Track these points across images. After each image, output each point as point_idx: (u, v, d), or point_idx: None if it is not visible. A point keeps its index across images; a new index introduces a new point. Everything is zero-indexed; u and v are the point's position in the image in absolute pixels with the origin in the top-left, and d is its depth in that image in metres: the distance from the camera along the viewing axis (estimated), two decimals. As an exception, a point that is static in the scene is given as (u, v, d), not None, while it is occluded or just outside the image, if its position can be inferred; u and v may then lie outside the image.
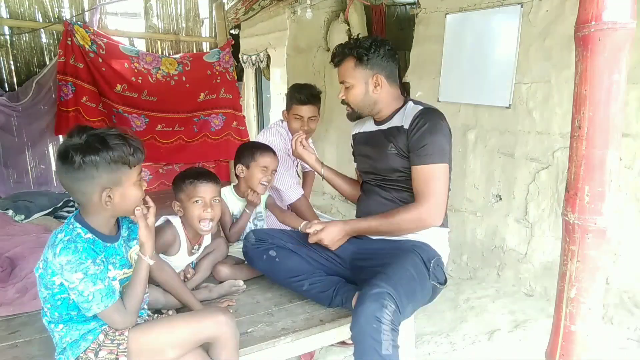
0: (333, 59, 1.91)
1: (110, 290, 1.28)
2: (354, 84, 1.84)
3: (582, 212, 1.13)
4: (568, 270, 1.18)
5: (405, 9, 5.17)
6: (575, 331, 1.20)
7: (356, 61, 1.82)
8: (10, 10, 4.10)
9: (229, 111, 4.94)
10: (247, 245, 1.96)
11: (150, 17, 4.78)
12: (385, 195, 1.86)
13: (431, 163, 1.70)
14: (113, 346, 1.31)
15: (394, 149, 1.80)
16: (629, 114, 2.39)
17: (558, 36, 2.66)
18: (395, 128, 1.82)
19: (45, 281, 1.28)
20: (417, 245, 1.76)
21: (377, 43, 1.81)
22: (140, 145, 1.35)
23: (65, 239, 1.25)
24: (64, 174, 1.28)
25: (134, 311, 1.35)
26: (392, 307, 1.42)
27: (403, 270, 1.60)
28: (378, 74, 1.82)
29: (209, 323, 1.38)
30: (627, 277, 2.49)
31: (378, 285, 1.46)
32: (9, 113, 4.02)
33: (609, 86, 1.07)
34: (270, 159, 2.19)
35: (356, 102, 1.88)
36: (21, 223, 2.95)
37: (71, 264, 1.22)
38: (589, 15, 1.06)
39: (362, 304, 1.42)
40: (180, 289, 1.68)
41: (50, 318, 1.34)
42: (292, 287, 1.89)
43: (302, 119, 2.52)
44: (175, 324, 1.38)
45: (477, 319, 2.66)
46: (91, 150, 1.24)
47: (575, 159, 1.14)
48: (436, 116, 1.76)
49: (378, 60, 1.81)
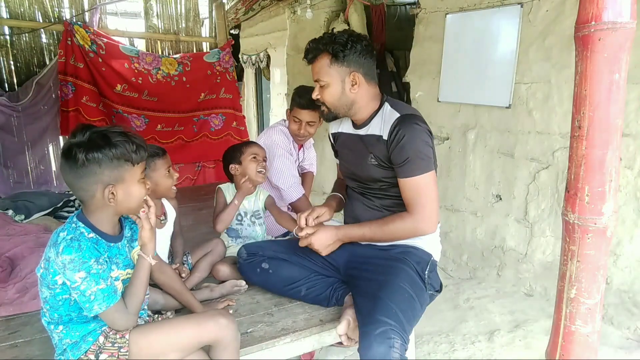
0: (306, 56, 1.77)
1: (112, 290, 1.28)
2: (330, 82, 1.72)
3: (582, 212, 1.13)
4: (568, 270, 1.18)
5: (405, 9, 5.17)
6: (575, 331, 1.20)
7: (331, 58, 1.69)
8: (10, 10, 4.10)
9: (229, 111, 4.95)
10: (240, 261, 1.95)
11: (150, 17, 4.78)
12: (369, 203, 1.82)
13: (418, 174, 1.64)
14: (114, 349, 1.30)
15: (374, 160, 1.73)
16: (629, 114, 2.39)
17: (558, 36, 2.66)
18: (375, 137, 1.73)
19: (47, 281, 1.28)
20: (408, 251, 1.73)
21: (354, 38, 1.69)
22: (143, 143, 1.34)
23: (68, 237, 1.24)
24: (67, 172, 1.28)
25: (135, 312, 1.35)
26: (398, 343, 1.38)
27: (401, 291, 1.56)
28: (355, 71, 1.71)
29: (211, 326, 1.38)
30: (627, 277, 2.49)
31: (380, 322, 1.41)
32: (9, 113, 4.02)
33: (609, 86, 1.07)
34: (256, 147, 2.24)
35: (332, 102, 1.76)
36: (21, 223, 2.95)
37: (74, 263, 1.22)
38: (589, 15, 1.06)
39: (369, 349, 1.37)
40: (181, 290, 1.67)
41: (49, 319, 1.33)
42: (290, 294, 1.88)
43: (301, 123, 2.54)
44: (176, 327, 1.38)
45: (477, 319, 2.66)
46: (94, 147, 1.25)
47: (575, 159, 1.14)
48: (413, 122, 1.65)
49: (355, 57, 1.69)
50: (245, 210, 2.24)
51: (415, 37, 3.67)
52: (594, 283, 1.16)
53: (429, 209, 1.67)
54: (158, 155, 1.82)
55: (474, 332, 2.52)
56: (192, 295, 1.71)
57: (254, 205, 2.27)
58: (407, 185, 1.67)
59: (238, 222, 2.23)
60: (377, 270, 1.68)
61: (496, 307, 2.79)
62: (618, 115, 1.09)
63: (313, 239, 1.74)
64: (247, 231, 2.23)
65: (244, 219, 2.24)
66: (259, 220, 2.28)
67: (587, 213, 1.13)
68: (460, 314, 2.72)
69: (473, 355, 2.33)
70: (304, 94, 2.53)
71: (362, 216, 1.83)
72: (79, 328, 1.32)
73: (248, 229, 2.24)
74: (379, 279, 1.62)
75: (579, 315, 1.19)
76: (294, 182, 2.54)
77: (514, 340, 2.43)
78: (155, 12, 4.79)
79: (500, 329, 2.53)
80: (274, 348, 1.63)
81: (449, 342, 2.44)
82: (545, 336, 1.32)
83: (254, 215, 2.26)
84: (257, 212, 2.27)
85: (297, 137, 2.62)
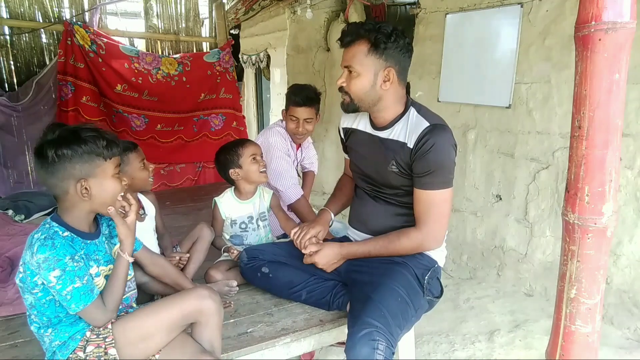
0: (343, 38, 1.64)
1: (88, 289, 1.28)
2: (362, 72, 1.60)
3: (582, 212, 1.13)
4: (568, 270, 1.18)
5: (405, 9, 5.17)
6: (575, 331, 1.20)
7: (370, 47, 1.57)
8: (10, 10, 4.10)
9: (229, 111, 4.95)
10: (241, 265, 1.94)
11: (150, 17, 4.78)
12: (380, 208, 1.78)
13: (437, 189, 1.59)
14: (99, 340, 1.31)
15: (396, 167, 1.65)
16: (629, 114, 2.39)
17: (558, 36, 2.66)
18: (399, 144, 1.65)
19: (28, 285, 1.27)
20: (412, 256, 1.69)
21: (399, 33, 1.59)
22: (115, 139, 1.35)
23: (42, 237, 1.25)
24: (40, 169, 1.30)
25: (113, 308, 1.35)
26: (383, 345, 1.38)
27: (393, 294, 1.54)
28: (391, 67, 1.60)
29: (193, 297, 1.40)
30: (627, 277, 2.49)
31: (366, 323, 1.41)
32: (9, 113, 4.02)
33: (609, 86, 1.07)
34: (252, 147, 2.15)
35: (358, 94, 1.64)
36: (21, 223, 2.95)
37: (49, 262, 1.22)
38: (589, 15, 1.06)
39: (353, 349, 1.38)
40: (177, 276, 1.70)
41: (39, 324, 1.33)
42: (291, 298, 1.87)
43: (298, 121, 2.53)
44: (158, 307, 1.39)
45: (477, 319, 2.66)
46: (63, 143, 1.26)
47: (575, 159, 1.14)
48: (443, 136, 1.58)
49: (395, 52, 1.59)
50: (250, 214, 2.16)
51: (415, 37, 3.66)
52: (594, 283, 1.16)
53: (438, 226, 1.65)
54: (130, 149, 1.84)
55: (474, 332, 2.52)
56: (189, 281, 1.73)
57: (260, 207, 2.19)
58: (422, 197, 1.62)
59: (242, 229, 2.16)
60: (375, 273, 1.67)
61: (496, 307, 2.79)
62: (618, 115, 1.08)
63: (317, 257, 1.72)
64: (251, 237, 2.16)
65: (249, 225, 2.17)
66: (264, 222, 2.21)
67: (587, 213, 1.13)
68: (460, 314, 2.72)
69: (473, 355, 2.33)
70: (299, 92, 2.53)
71: (370, 222, 1.81)
72: (68, 329, 1.33)
73: (253, 233, 2.17)
74: (374, 281, 1.61)
75: (579, 315, 1.18)
76: (292, 183, 2.54)
77: (514, 340, 2.43)
78: (155, 12, 4.79)
79: (500, 329, 2.53)
80: (274, 348, 1.64)
81: (449, 342, 2.44)
82: (545, 336, 1.32)
83: (259, 218, 2.19)
84: (263, 214, 2.21)
85: (296, 136, 2.62)
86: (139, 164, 1.86)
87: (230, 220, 2.16)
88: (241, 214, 2.16)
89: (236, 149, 2.14)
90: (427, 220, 1.63)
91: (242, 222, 2.16)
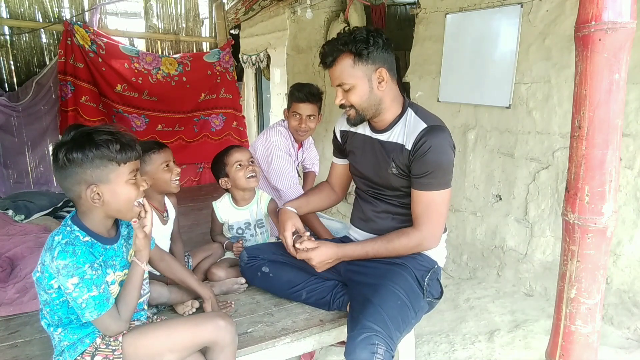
0: (325, 59, 1.66)
1: (104, 298, 1.26)
2: (356, 83, 1.61)
3: (582, 212, 1.13)
4: (568, 270, 1.18)
5: (405, 9, 5.18)
6: (575, 331, 1.20)
7: (354, 57, 1.59)
8: (10, 10, 4.11)
9: (229, 111, 4.95)
10: (242, 264, 1.94)
11: (150, 17, 4.79)
12: (381, 208, 1.79)
13: (435, 190, 1.60)
14: (108, 351, 1.30)
15: (396, 169, 1.66)
16: (629, 114, 2.39)
17: (558, 36, 2.66)
18: (398, 146, 1.66)
19: (43, 285, 1.27)
20: (412, 257, 1.69)
21: (374, 33, 1.59)
22: (132, 143, 1.30)
23: (63, 242, 1.22)
24: (54, 171, 1.28)
25: (127, 318, 1.33)
26: (382, 349, 1.37)
27: (393, 297, 1.53)
28: (381, 67, 1.61)
29: (208, 327, 1.37)
30: (627, 277, 2.49)
31: (365, 327, 1.40)
32: (9, 113, 4.03)
33: (609, 86, 1.07)
34: (237, 153, 2.11)
35: (361, 104, 1.64)
36: (21, 223, 2.95)
37: (68, 268, 1.20)
38: (589, 15, 1.06)
39: (352, 353, 1.38)
40: (183, 273, 1.68)
41: (49, 321, 1.33)
42: (291, 298, 1.87)
43: (301, 117, 2.54)
44: (173, 328, 1.37)
45: (477, 319, 2.66)
46: (75, 147, 1.23)
47: (575, 159, 1.14)
48: (441, 137, 1.59)
49: (379, 52, 1.59)
50: (247, 220, 2.16)
51: (415, 37, 3.67)
52: (594, 283, 1.16)
53: (437, 226, 1.65)
54: (154, 150, 1.82)
55: (474, 332, 2.52)
56: (194, 278, 1.71)
57: (257, 213, 2.17)
58: (421, 198, 1.63)
59: (239, 235, 2.17)
60: (375, 274, 1.66)
61: (496, 307, 2.79)
62: (618, 115, 1.09)
63: (313, 254, 1.70)
64: (249, 243, 2.17)
65: (246, 231, 2.17)
66: (262, 229, 2.20)
67: (587, 213, 1.13)
68: (460, 314, 2.72)
69: (473, 355, 2.33)
70: (301, 88, 2.54)
71: (372, 222, 1.81)
72: (78, 331, 1.32)
73: (251, 239, 2.18)
74: (374, 283, 1.61)
75: (579, 315, 1.19)
76: (293, 182, 2.54)
77: (514, 340, 2.43)
78: (155, 12, 4.80)
79: (500, 329, 2.53)
80: (274, 348, 1.63)
81: (449, 342, 2.44)
82: (545, 336, 1.32)
83: (257, 225, 2.18)
84: (260, 221, 2.18)
85: (298, 133, 2.61)
86: (161, 165, 1.83)
87: (227, 225, 2.18)
88: (237, 219, 2.17)
89: (222, 158, 2.13)
90: (426, 221, 1.64)
91: (238, 228, 2.17)
